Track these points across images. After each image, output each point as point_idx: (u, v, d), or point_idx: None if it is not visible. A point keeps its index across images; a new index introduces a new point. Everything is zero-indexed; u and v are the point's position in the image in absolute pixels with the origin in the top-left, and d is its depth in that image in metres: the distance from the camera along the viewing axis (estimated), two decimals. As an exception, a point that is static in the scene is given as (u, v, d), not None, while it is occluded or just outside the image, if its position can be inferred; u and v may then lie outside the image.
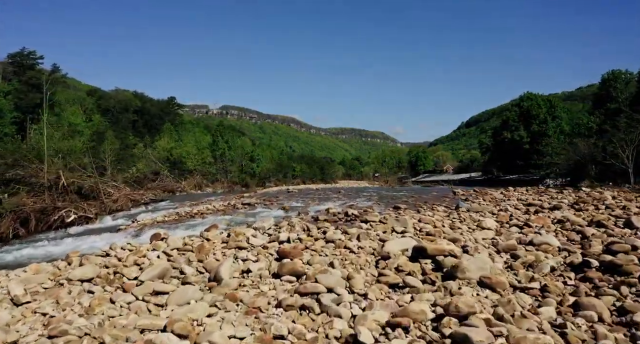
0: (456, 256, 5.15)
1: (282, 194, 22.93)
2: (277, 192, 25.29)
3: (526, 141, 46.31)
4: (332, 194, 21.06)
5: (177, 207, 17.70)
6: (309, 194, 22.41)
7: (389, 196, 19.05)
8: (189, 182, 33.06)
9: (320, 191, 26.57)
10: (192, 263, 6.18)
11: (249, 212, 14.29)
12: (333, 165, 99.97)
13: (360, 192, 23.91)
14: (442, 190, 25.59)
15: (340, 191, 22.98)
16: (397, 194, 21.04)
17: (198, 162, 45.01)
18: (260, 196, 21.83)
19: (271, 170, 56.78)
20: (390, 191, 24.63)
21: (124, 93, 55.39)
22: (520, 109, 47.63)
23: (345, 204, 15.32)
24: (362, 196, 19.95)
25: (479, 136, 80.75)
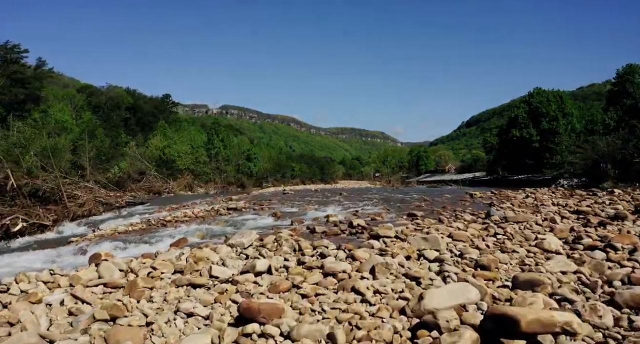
0: (575, 332, 2.65)
1: (277, 196, 20.45)
2: (272, 193, 22.81)
3: (536, 140, 43.79)
4: (333, 197, 18.58)
5: (154, 212, 15.24)
6: (307, 196, 19.94)
7: (397, 199, 16.56)
8: (179, 183, 30.58)
9: (319, 192, 24.10)
10: (91, 328, 3.63)
11: (233, 219, 11.80)
12: (333, 165, 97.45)
13: (363, 193, 21.43)
14: (453, 191, 23.11)
15: (342, 193, 20.49)
16: (404, 196, 18.56)
17: (191, 162, 42.56)
18: (253, 198, 19.37)
19: (269, 170, 54.29)
20: (395, 193, 22.15)
21: (116, 90, 52.91)
22: (529, 106, 45.09)
23: (349, 209, 12.84)
24: (366, 198, 17.47)
25: (483, 135, 78.24)
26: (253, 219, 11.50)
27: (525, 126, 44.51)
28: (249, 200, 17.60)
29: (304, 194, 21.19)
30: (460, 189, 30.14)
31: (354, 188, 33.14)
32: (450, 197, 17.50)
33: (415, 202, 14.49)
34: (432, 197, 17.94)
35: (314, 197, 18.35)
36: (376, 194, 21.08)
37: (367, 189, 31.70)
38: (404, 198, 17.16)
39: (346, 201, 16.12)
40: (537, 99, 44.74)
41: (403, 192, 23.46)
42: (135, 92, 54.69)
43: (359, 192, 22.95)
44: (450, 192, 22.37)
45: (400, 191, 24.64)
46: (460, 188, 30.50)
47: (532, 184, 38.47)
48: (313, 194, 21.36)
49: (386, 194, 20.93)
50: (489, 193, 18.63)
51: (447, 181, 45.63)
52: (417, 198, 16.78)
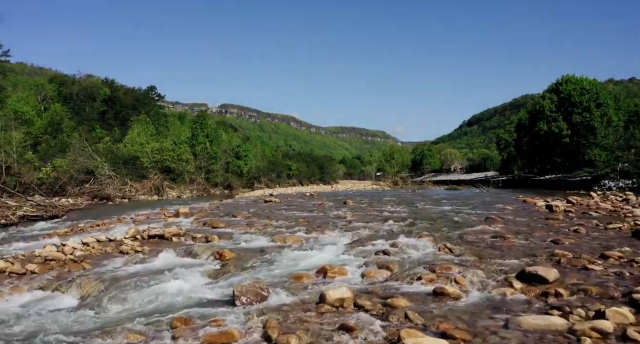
0: None
1: (255, 206, 14.12)
2: (251, 202, 16.44)
3: (566, 134, 37.42)
4: (333, 208, 12.22)
5: (45, 237, 8.87)
6: (297, 206, 13.61)
7: (434, 214, 10.20)
8: (144, 185, 24.27)
9: (315, 198, 17.77)
10: None
11: (129, 268, 5.48)
12: (333, 163, 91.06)
13: (376, 201, 15.12)
14: (493, 196, 16.78)
15: (347, 203, 14.09)
16: (437, 206, 12.27)
17: (171, 159, 36.21)
18: (221, 209, 13.09)
19: (262, 169, 47.96)
20: (417, 199, 15.82)
21: (91, 79, 46.61)
22: (558, 96, 38.69)
23: (364, 242, 6.48)
24: (385, 211, 11.16)
25: (496, 131, 71.83)
26: (176, 270, 5.09)
27: (554, 119, 38.10)
28: (205, 214, 11.25)
29: (294, 203, 14.85)
30: (490, 191, 23.81)
31: (359, 191, 26.73)
32: (512, 209, 11.19)
33: (481, 224, 8.15)
34: (481, 207, 11.65)
35: (306, 209, 12.00)
36: (394, 201, 14.73)
37: (376, 192, 25.34)
38: (444, 212, 10.83)
39: (355, 217, 9.78)
40: (567, 88, 38.34)
41: (426, 198, 17.13)
42: (114, 82, 48.29)
43: (368, 199, 16.62)
44: (484, 196, 16.04)
45: (421, 197, 18.28)
46: (490, 191, 24.18)
47: (569, 186, 32.12)
48: (307, 202, 15.03)
49: (408, 202, 14.58)
50: (555, 201, 12.34)
51: (469, 182, 39.17)
52: (470, 212, 10.44)
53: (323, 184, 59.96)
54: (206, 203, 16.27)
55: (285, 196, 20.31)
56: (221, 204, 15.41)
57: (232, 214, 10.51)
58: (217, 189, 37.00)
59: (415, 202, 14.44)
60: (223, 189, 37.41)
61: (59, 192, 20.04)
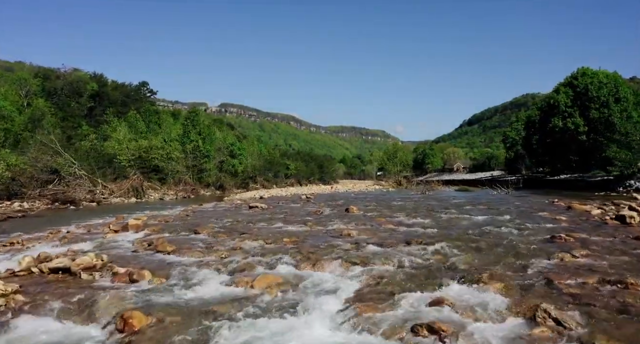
0: None
1: (235, 214, 11.26)
2: (233, 207, 13.56)
3: (583, 131, 34.50)
4: (334, 219, 9.35)
5: None
6: (288, 214, 10.74)
7: (477, 231, 7.31)
8: (120, 186, 21.40)
9: (312, 202, 14.91)
10: None
11: None
12: (333, 163, 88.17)
13: (385, 207, 12.26)
14: (525, 200, 13.91)
15: (350, 210, 11.18)
16: (478, 219, 9.40)
17: (160, 158, 33.49)
18: (184, 219, 10.24)
19: (258, 168, 45.13)
20: (432, 203, 12.97)
21: (77, 73, 43.79)
22: (574, 90, 35.77)
23: (401, 310, 3.55)
24: (402, 222, 8.32)
25: (502, 129, 68.90)
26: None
27: (570, 114, 35.19)
28: (163, 227, 8.37)
29: (284, 210, 11.96)
30: (509, 193, 20.93)
31: (361, 193, 23.84)
32: (567, 220, 8.38)
33: (553, 249, 5.27)
34: (523, 217, 8.87)
35: (298, 220, 9.14)
36: (407, 208, 11.88)
37: (380, 194, 22.45)
38: (480, 226, 7.97)
39: (364, 234, 6.94)
40: (583, 81, 35.42)
41: (443, 202, 14.27)
42: (102, 77, 45.41)
43: (374, 203, 13.76)
44: (510, 200, 13.14)
45: (435, 201, 15.42)
46: (509, 193, 21.27)
47: (588, 186, 29.22)
48: (300, 209, 12.17)
49: (424, 208, 11.72)
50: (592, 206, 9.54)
51: (478, 182, 36.19)
52: (517, 227, 7.58)
53: (323, 184, 57.06)
54: (179, 209, 13.39)
55: (277, 199, 17.43)
56: (197, 210, 12.52)
57: (195, 230, 7.63)
58: (208, 189, 34.16)
59: (433, 208, 11.57)
60: (215, 190, 34.57)
61: (19, 195, 17.21)
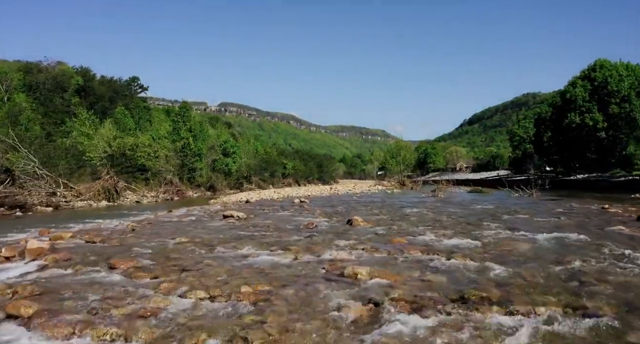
0: None
1: (197, 228, 8.42)
2: (206, 217, 10.67)
3: (602, 127, 31.70)
4: (332, 238, 6.49)
5: None
6: (269, 229, 7.89)
7: (558, 268, 4.47)
8: (90, 188, 18.56)
9: (305, 208, 12.07)
10: None
11: None
12: (333, 162, 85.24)
13: (398, 216, 9.46)
14: (565, 206, 11.09)
15: (354, 222, 8.31)
16: (541, 241, 6.57)
17: (146, 156, 30.79)
18: (120, 237, 7.47)
19: (254, 167, 42.24)
20: (464, 214, 10.18)
21: (60, 67, 40.93)
22: (591, 84, 32.94)
23: None
24: (431, 245, 5.50)
25: (510, 127, 66.12)
26: None
27: (588, 109, 32.36)
28: (65, 256, 5.49)
29: (266, 222, 9.10)
30: (533, 196, 18.07)
31: (364, 195, 20.98)
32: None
33: None
34: (597, 236, 6.01)
35: (279, 242, 6.30)
36: (427, 218, 9.07)
37: (386, 197, 19.59)
38: (555, 255, 5.12)
39: (379, 272, 4.08)
40: (601, 74, 32.60)
41: (467, 208, 11.47)
42: (88, 71, 42.50)
43: (382, 210, 10.95)
44: (549, 206, 10.32)
45: (457, 207, 12.61)
46: (532, 195, 18.38)
47: (612, 187, 26.38)
48: (287, 221, 9.34)
49: (451, 219, 8.91)
50: None
51: (490, 182, 33.25)
52: (607, 254, 4.74)
53: (322, 184, 54.18)
54: (142, 217, 10.56)
55: (265, 203, 14.54)
56: (156, 220, 9.66)
57: (112, 263, 4.78)
58: (197, 190, 31.33)
59: (461, 219, 8.74)
60: (205, 191, 31.73)
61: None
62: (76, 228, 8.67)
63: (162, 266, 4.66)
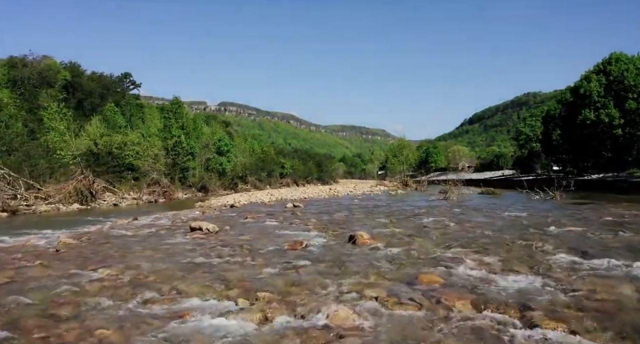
0: None
1: (150, 247, 6.28)
2: (164, 231, 8.51)
3: (618, 124, 29.56)
4: (328, 275, 4.38)
5: None
6: (240, 250, 5.78)
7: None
8: (60, 189, 16.45)
9: (299, 215, 9.96)
10: None
11: None
12: (332, 162, 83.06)
13: (415, 229, 7.37)
14: (615, 215, 9.00)
15: (357, 238, 6.18)
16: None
17: (133, 155, 28.86)
18: (56, 252, 5.29)
19: (250, 167, 40.12)
20: (498, 226, 8.10)
21: (46, 61, 38.80)
22: (606, 78, 30.80)
23: None
24: (479, 285, 3.39)
25: (516, 125, 64.02)
26: None
27: (603, 105, 30.21)
28: None
29: (241, 239, 6.95)
30: (556, 199, 15.92)
31: (366, 197, 18.83)
32: None
33: None
34: None
35: (244, 278, 4.19)
36: (452, 232, 6.98)
37: (390, 200, 17.45)
38: None
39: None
40: (617, 68, 30.47)
41: (495, 218, 9.38)
42: (77, 66, 40.32)
43: (393, 219, 8.87)
44: (600, 213, 8.29)
45: (481, 214, 10.52)
46: (556, 197, 16.22)
47: (631, 188, 24.22)
48: (270, 236, 7.22)
49: (486, 233, 6.81)
50: None
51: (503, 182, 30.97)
52: None
53: (321, 184, 52.06)
54: (74, 231, 8.45)
55: (250, 209, 12.40)
56: (101, 234, 7.54)
57: None
58: (188, 191, 29.25)
59: (498, 232, 6.64)
60: (196, 192, 29.65)
61: None
62: None
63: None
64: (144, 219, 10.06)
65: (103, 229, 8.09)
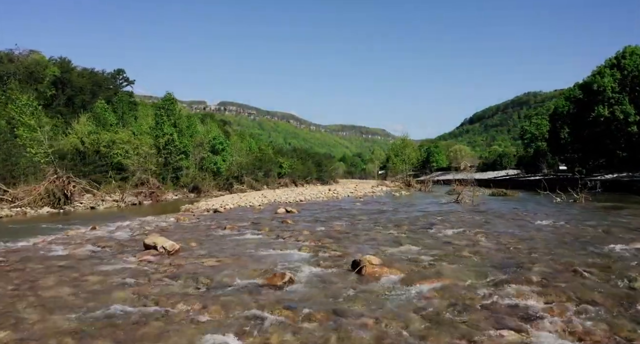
0: None
1: (65, 283, 4.40)
2: (130, 238, 6.70)
3: (634, 121, 27.81)
4: None
5: None
6: (192, 290, 3.97)
7: None
8: (30, 191, 14.70)
9: (290, 224, 8.20)
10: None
11: None
12: (332, 161, 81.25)
13: (441, 248, 5.61)
14: None
15: (366, 268, 4.46)
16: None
17: (126, 154, 27.19)
18: None
19: (246, 166, 38.32)
20: (553, 242, 6.33)
21: (33, 56, 37.00)
22: (621, 72, 29.04)
23: None
24: None
25: (521, 123, 62.34)
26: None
27: (617, 101, 28.45)
28: None
29: (196, 271, 5.14)
30: (580, 202, 14.14)
31: (369, 199, 17.03)
32: None
33: None
34: None
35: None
36: (492, 250, 5.19)
37: (396, 203, 15.63)
38: None
39: None
40: (632, 62, 28.73)
41: (523, 225, 7.64)
42: (66, 61, 38.49)
43: (406, 230, 7.11)
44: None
45: (514, 223, 8.78)
46: (580, 200, 14.43)
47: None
48: (245, 262, 5.42)
49: (523, 242, 5.00)
50: None
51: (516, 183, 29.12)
52: None
53: (321, 184, 50.29)
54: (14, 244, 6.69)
55: (233, 217, 10.58)
56: (24, 254, 5.77)
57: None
58: (179, 192, 27.49)
59: (551, 254, 4.89)
60: (188, 193, 27.88)
61: None
62: None
63: None
64: (105, 228, 8.29)
65: (38, 245, 6.31)
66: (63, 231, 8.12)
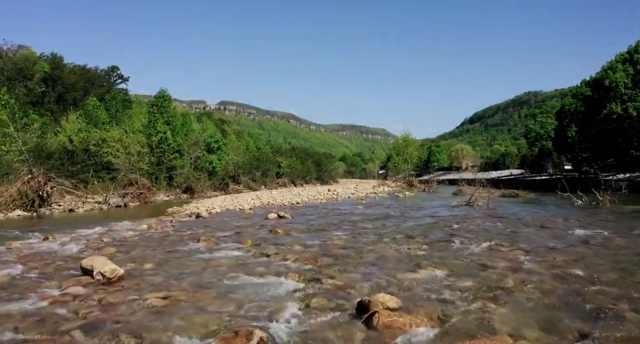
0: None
1: None
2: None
3: (647, 118, 26.40)
4: None
5: None
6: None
7: None
8: (2, 192, 13.30)
9: (284, 228, 6.80)
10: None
11: None
12: (332, 161, 79.82)
13: (484, 285, 4.22)
14: None
15: (377, 319, 3.01)
16: None
17: (116, 153, 25.88)
18: None
19: (243, 166, 36.91)
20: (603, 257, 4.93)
21: (23, 52, 35.58)
22: (634, 67, 27.62)
23: None
24: None
25: (524, 121, 60.92)
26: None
27: (631, 97, 27.04)
28: None
29: (138, 316, 3.70)
30: (605, 205, 12.74)
31: (370, 201, 15.58)
32: None
33: None
34: None
35: None
36: (536, 271, 3.77)
37: (400, 205, 14.19)
38: None
39: None
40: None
41: (561, 235, 6.18)
42: (58, 58, 37.03)
43: (424, 245, 5.72)
44: None
45: (550, 235, 7.34)
46: (605, 202, 13.02)
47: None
48: (201, 323, 3.96)
49: (574, 265, 3.57)
50: None
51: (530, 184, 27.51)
52: None
53: (320, 184, 48.88)
54: None
55: (216, 225, 9.15)
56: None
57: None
58: (172, 193, 26.11)
59: (614, 275, 3.50)
60: (181, 193, 26.50)
61: None
62: None
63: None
64: (61, 238, 6.88)
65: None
66: (7, 242, 6.71)
